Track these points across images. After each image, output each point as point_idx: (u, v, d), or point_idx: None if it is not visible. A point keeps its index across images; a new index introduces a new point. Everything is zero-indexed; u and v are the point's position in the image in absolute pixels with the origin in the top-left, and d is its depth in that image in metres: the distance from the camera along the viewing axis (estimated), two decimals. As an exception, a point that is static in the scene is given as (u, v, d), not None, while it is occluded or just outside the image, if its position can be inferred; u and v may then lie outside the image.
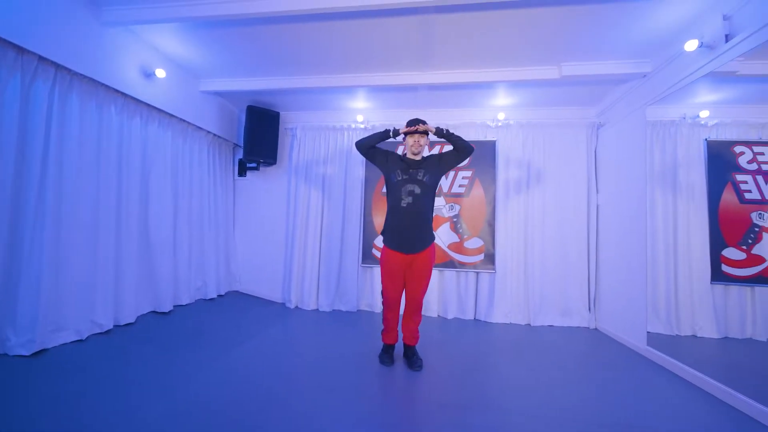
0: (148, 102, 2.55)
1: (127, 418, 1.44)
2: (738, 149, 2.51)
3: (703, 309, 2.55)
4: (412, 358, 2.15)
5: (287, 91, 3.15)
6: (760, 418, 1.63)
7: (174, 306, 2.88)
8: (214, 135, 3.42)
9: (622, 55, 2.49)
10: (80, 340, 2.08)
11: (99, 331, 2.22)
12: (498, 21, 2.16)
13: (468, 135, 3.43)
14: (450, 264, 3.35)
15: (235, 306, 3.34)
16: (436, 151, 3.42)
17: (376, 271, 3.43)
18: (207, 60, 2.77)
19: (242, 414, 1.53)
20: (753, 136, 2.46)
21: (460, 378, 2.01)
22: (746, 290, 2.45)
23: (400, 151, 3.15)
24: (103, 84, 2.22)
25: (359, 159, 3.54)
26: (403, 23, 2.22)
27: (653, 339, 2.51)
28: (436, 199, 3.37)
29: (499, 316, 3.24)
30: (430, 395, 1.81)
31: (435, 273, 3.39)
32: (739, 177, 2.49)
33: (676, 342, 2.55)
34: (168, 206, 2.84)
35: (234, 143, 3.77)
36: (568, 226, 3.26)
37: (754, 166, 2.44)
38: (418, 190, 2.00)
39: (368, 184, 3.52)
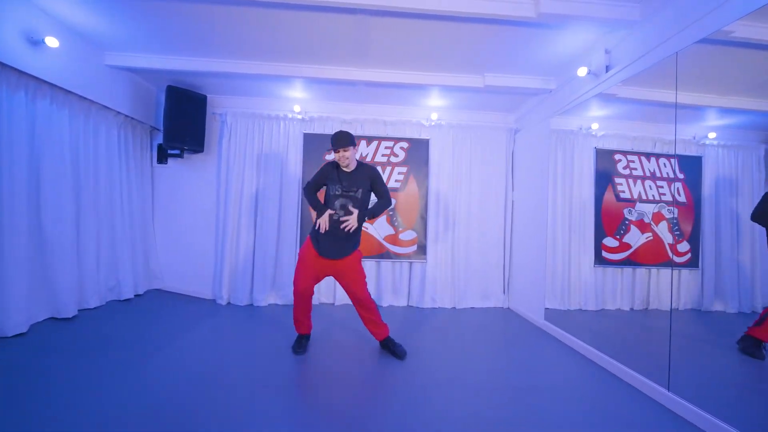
0: (36, 75, 2.15)
1: None
2: (617, 157, 3.07)
3: (587, 287, 3.13)
4: (395, 348, 2.23)
5: (214, 74, 2.92)
6: (620, 374, 2.11)
7: (79, 310, 2.55)
8: (126, 116, 3.02)
9: (534, 71, 2.85)
10: (-51, 359, 1.75)
11: (-24, 346, 1.88)
12: (429, 29, 2.30)
13: (404, 132, 3.60)
14: (386, 255, 3.52)
15: (156, 306, 3.07)
16: (372, 148, 3.53)
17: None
18: (115, 31, 2.42)
19: None
20: (627, 147, 3.03)
21: (389, 362, 2.18)
22: (618, 271, 3.07)
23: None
24: (-32, 48, 1.82)
25: (296, 149, 3.47)
26: (340, 20, 2.22)
27: (550, 314, 3.01)
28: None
29: (428, 302, 3.53)
30: (361, 380, 1.95)
31: (372, 264, 3.54)
32: (617, 180, 3.06)
33: (567, 315, 3.09)
34: (67, 196, 2.46)
35: (151, 126, 3.37)
36: (489, 219, 3.66)
37: (627, 171, 3.02)
38: (350, 205, 2.11)
39: (306, 173, 3.47)
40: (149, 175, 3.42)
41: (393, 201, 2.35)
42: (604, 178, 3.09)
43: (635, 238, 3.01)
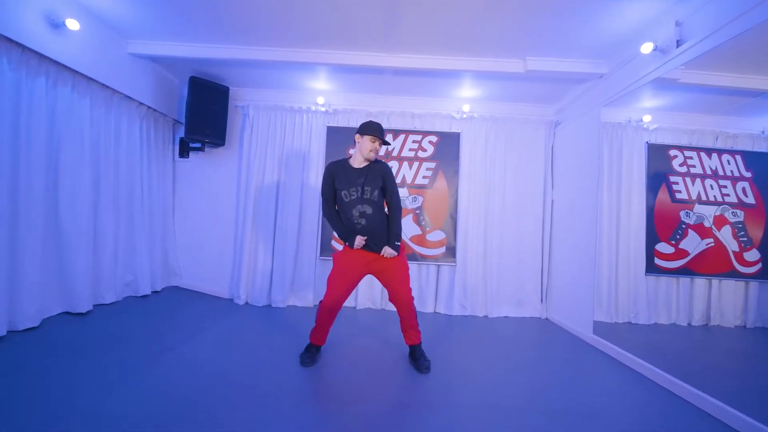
0: (56, 59, 2.08)
1: None
2: (672, 153, 2.72)
3: (638, 298, 2.77)
4: (419, 360, 2.00)
5: (239, 62, 2.80)
6: (683, 394, 1.77)
7: (94, 305, 2.45)
8: (149, 107, 2.95)
9: (583, 54, 2.55)
10: (-44, 352, 1.66)
11: (-15, 339, 1.79)
12: (465, 4, 2.06)
13: (433, 125, 3.37)
14: (412, 257, 3.28)
15: (173, 303, 2.96)
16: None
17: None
18: (138, 16, 2.33)
19: None
20: (684, 141, 2.68)
21: (413, 375, 1.93)
22: (673, 281, 2.70)
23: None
24: (-13, 28, 1.75)
25: (319, 143, 3.31)
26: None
27: (596, 326, 2.68)
28: (401, 189, 3.29)
29: (457, 308, 3.25)
30: (387, 393, 1.71)
31: (396, 266, 3.31)
32: (672, 178, 2.71)
33: (615, 329, 2.74)
34: (86, 188, 2.38)
35: (174, 119, 3.30)
36: (525, 221, 3.35)
37: (684, 169, 2.67)
38: (369, 210, 1.92)
39: (328, 171, 3.30)
40: (170, 169, 3.34)
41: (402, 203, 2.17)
42: (657, 176, 2.75)
43: (694, 245, 2.64)
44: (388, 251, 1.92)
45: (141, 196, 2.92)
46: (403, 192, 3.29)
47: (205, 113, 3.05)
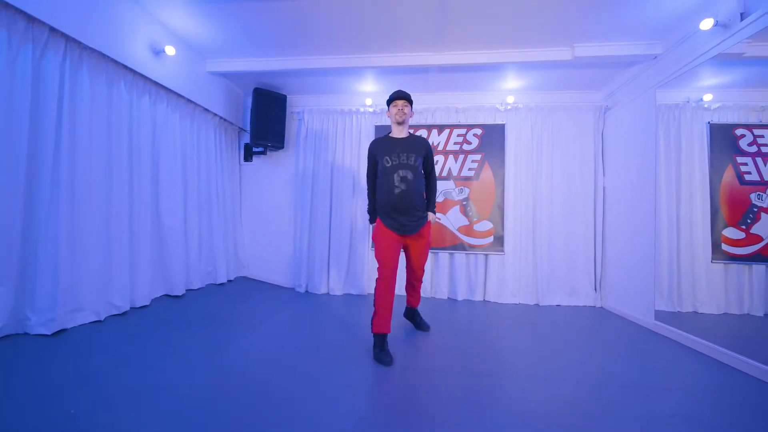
0: (157, 80, 2.48)
1: (151, 392, 1.44)
2: (739, 132, 2.58)
3: (704, 286, 2.65)
4: (420, 321, 2.38)
5: (295, 72, 3.10)
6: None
7: (186, 290, 2.85)
8: (221, 118, 3.35)
9: (635, 36, 2.52)
10: (99, 321, 2.05)
11: (116, 313, 2.18)
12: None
13: (477, 118, 3.46)
14: (460, 247, 3.38)
15: (245, 291, 3.32)
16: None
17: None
18: (216, 36, 2.69)
19: (255, 399, 1.47)
20: (753, 119, 2.53)
21: (473, 354, 2.04)
22: (744, 268, 2.55)
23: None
24: (112, 59, 2.15)
25: (369, 140, 3.51)
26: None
27: (657, 315, 2.61)
28: (446, 182, 3.42)
29: (508, 297, 3.30)
30: (452, 366, 1.85)
31: (445, 256, 3.43)
32: (740, 159, 2.56)
33: (678, 318, 2.65)
34: (178, 191, 2.78)
35: (239, 127, 3.70)
36: (575, 209, 3.32)
37: (753, 149, 2.52)
38: (410, 176, 1.98)
39: (377, 168, 3.51)
40: (237, 172, 3.74)
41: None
42: (722, 157, 2.62)
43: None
44: (432, 216, 2.17)
45: (216, 197, 3.32)
46: (448, 184, 3.41)
47: (267, 120, 3.40)
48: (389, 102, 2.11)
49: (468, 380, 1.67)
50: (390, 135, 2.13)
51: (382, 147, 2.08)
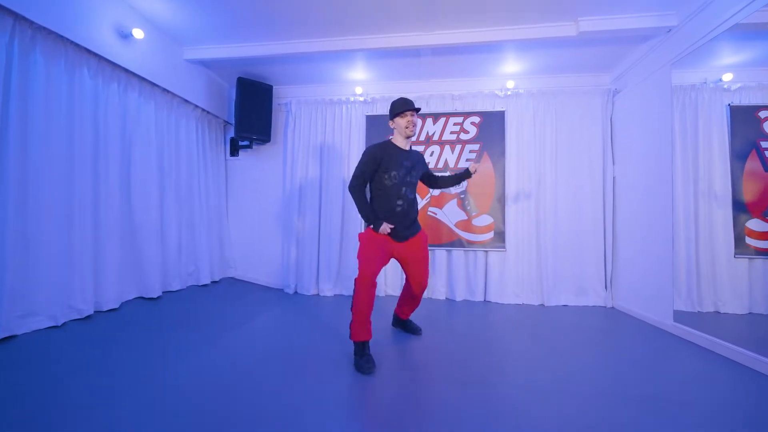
0: (126, 66, 2.30)
1: (108, 403, 1.29)
2: (763, 114, 2.32)
3: (726, 284, 2.39)
4: (412, 326, 2.22)
5: (279, 58, 2.91)
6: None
7: (163, 292, 2.67)
8: (203, 110, 3.18)
9: (646, 6, 2.28)
10: (55, 326, 1.87)
11: (78, 317, 2.00)
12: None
13: (475, 106, 3.23)
14: (458, 243, 3.15)
15: (230, 292, 3.13)
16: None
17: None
18: (191, 20, 2.50)
19: (229, 404, 1.34)
20: (780, 100, 2.27)
21: (469, 361, 1.82)
22: (772, 263, 2.29)
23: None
24: (72, 42, 1.98)
25: (359, 133, 3.32)
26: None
27: (675, 316, 2.35)
28: (442, 174, 3.19)
29: (510, 297, 3.06)
30: (445, 375, 1.63)
31: (442, 253, 3.21)
32: (764, 144, 2.31)
33: (699, 318, 2.39)
34: (153, 185, 2.61)
35: (224, 121, 3.52)
36: (582, 201, 3.07)
37: (780, 132, 2.27)
38: (411, 194, 1.93)
39: (369, 160, 3.30)
40: (223, 167, 3.57)
41: None
42: (744, 142, 2.36)
43: (799, 221, 2.22)
44: (474, 166, 2.02)
45: (198, 193, 3.14)
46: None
47: (252, 111, 3.22)
48: (397, 111, 1.86)
49: (461, 392, 1.45)
50: (395, 144, 1.91)
51: (389, 157, 1.86)
